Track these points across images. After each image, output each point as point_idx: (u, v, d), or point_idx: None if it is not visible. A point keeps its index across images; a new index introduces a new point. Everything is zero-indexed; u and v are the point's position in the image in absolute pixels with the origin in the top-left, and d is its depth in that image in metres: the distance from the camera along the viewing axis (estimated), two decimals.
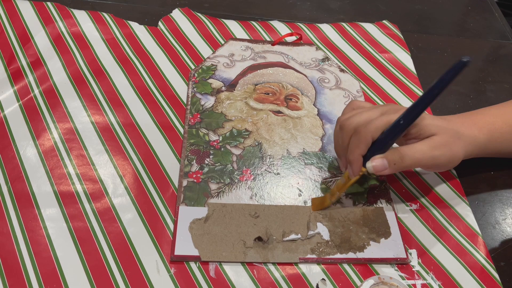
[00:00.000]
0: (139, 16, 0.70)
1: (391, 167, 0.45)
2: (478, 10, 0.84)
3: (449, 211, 0.51)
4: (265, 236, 0.46)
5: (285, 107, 0.59)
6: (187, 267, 0.44)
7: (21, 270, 0.42)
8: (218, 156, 0.53)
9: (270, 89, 0.61)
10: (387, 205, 0.51)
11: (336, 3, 0.79)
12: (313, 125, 0.58)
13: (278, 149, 0.55)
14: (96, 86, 0.58)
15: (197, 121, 0.56)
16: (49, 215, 0.46)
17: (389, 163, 0.45)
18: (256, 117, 0.57)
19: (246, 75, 0.63)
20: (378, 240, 0.47)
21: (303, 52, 0.68)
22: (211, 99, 0.59)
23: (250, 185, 0.51)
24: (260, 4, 0.76)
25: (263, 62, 0.65)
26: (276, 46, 0.68)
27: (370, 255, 0.46)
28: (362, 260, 0.46)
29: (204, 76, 0.61)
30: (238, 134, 0.55)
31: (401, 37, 0.73)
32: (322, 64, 0.66)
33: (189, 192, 0.49)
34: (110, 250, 0.44)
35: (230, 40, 0.67)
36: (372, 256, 0.46)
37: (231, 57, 0.65)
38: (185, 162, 0.52)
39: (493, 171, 0.57)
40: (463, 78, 0.69)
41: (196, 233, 0.46)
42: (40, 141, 0.52)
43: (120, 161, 0.51)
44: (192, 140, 0.54)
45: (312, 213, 0.49)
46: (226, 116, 0.57)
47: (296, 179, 0.52)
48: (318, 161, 0.54)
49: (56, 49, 0.62)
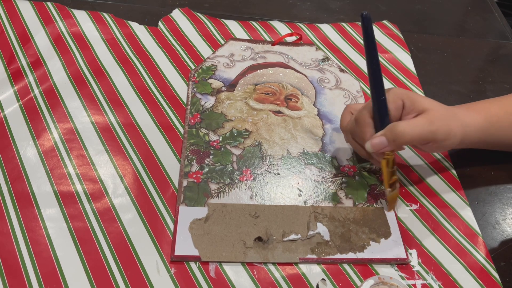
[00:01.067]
0: (139, 16, 0.70)
1: (391, 144, 0.46)
2: (478, 10, 0.84)
3: (449, 211, 0.51)
4: (265, 236, 0.46)
5: (285, 107, 0.59)
6: (187, 267, 0.44)
7: (21, 270, 0.42)
8: (218, 156, 0.53)
9: (270, 89, 0.61)
10: (386, 205, 0.51)
11: (336, 3, 0.79)
12: (313, 125, 0.58)
13: (278, 149, 0.54)
14: (96, 86, 0.58)
15: (197, 121, 0.56)
16: (49, 215, 0.46)
17: (388, 140, 0.46)
18: (256, 117, 0.57)
19: (246, 75, 0.63)
20: (378, 240, 0.47)
21: (303, 52, 0.68)
22: (211, 99, 0.59)
23: (250, 185, 0.51)
24: (260, 4, 0.76)
25: (263, 62, 0.65)
26: (276, 46, 0.68)
27: (370, 255, 0.46)
28: (362, 260, 0.46)
29: (204, 76, 0.61)
30: (238, 134, 0.55)
31: (401, 37, 0.73)
32: (322, 64, 0.66)
33: (189, 192, 0.49)
34: (110, 250, 0.44)
35: (230, 40, 0.67)
36: (372, 256, 0.46)
37: (231, 57, 0.65)
38: (185, 162, 0.51)
39: (493, 172, 0.57)
40: (463, 78, 0.69)
41: (196, 233, 0.46)
42: (40, 141, 0.52)
43: (120, 161, 0.51)
44: (192, 140, 0.54)
45: (313, 213, 0.49)
46: (226, 116, 0.57)
47: (296, 179, 0.52)
48: (318, 161, 0.54)
49: (56, 49, 0.62)
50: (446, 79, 0.68)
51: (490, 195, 0.54)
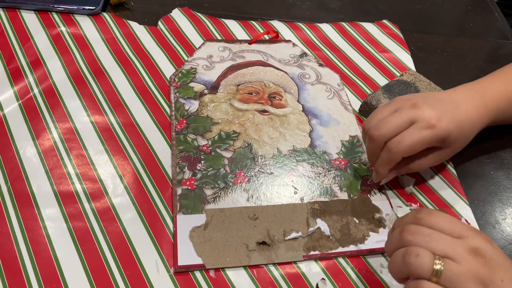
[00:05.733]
0: (139, 16, 0.70)
1: (389, 162, 0.47)
2: (478, 10, 0.84)
3: (449, 211, 0.51)
4: (268, 239, 0.46)
5: (270, 106, 0.59)
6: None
7: (21, 270, 0.42)
8: (209, 160, 0.52)
9: (253, 88, 0.61)
10: (381, 195, 0.51)
11: (336, 3, 0.79)
12: (300, 121, 0.58)
13: (268, 149, 0.54)
14: (96, 86, 0.58)
15: (184, 127, 0.55)
16: (49, 215, 0.46)
17: (383, 159, 0.48)
18: (243, 118, 0.57)
19: (227, 76, 0.62)
20: (377, 230, 0.48)
21: (281, 49, 0.67)
22: (195, 103, 0.58)
23: (245, 187, 0.50)
24: (260, 4, 0.76)
25: (243, 61, 0.65)
26: (253, 44, 0.67)
27: (371, 245, 0.47)
28: (365, 252, 0.46)
29: (185, 80, 0.60)
30: (227, 137, 0.55)
31: (401, 37, 0.73)
32: (301, 60, 0.66)
33: (185, 200, 0.48)
34: (110, 250, 0.44)
35: (207, 42, 0.66)
36: (373, 247, 0.46)
37: (209, 58, 0.64)
38: (176, 169, 0.50)
39: (493, 172, 0.57)
40: (463, 78, 0.69)
41: (197, 241, 0.45)
42: (40, 141, 0.52)
43: (119, 161, 0.51)
44: (181, 147, 0.53)
45: (310, 209, 0.49)
46: (213, 119, 0.56)
47: (290, 177, 0.52)
48: (309, 157, 0.54)
49: (55, 48, 0.62)
50: (446, 79, 0.68)
51: (490, 195, 0.54)
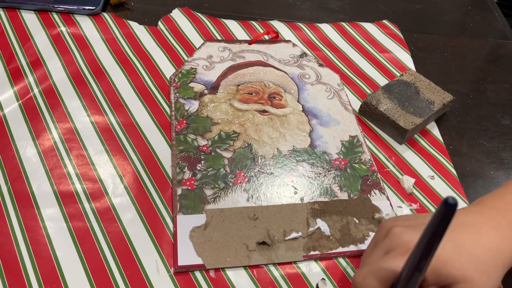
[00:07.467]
0: (139, 16, 0.70)
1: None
2: (478, 10, 0.84)
3: None
4: (268, 239, 0.46)
5: (270, 106, 0.59)
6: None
7: (21, 270, 0.42)
8: (209, 161, 0.52)
9: (253, 88, 0.61)
10: (381, 195, 0.51)
11: (336, 3, 0.79)
12: (300, 121, 0.58)
13: (268, 149, 0.54)
14: (96, 86, 0.58)
15: (184, 127, 0.55)
16: (48, 215, 0.46)
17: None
18: (243, 118, 0.57)
19: (227, 76, 0.62)
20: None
21: (281, 49, 0.67)
22: (194, 103, 0.58)
23: (245, 187, 0.50)
24: (260, 4, 0.76)
25: (243, 62, 0.65)
26: (253, 45, 0.67)
27: None
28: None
29: (185, 80, 0.60)
30: (227, 137, 0.55)
31: (401, 37, 0.73)
32: (301, 60, 0.66)
33: (185, 200, 0.48)
34: (110, 250, 0.44)
35: (207, 42, 0.66)
36: None
37: (209, 59, 0.64)
38: (177, 170, 0.50)
39: (493, 172, 0.57)
40: (463, 78, 0.69)
41: (197, 241, 0.45)
42: (40, 141, 0.52)
43: (119, 161, 0.51)
44: (181, 147, 0.53)
45: (310, 209, 0.49)
46: (212, 120, 0.56)
47: (290, 177, 0.52)
48: (309, 157, 0.54)
49: (55, 48, 0.62)
50: (446, 79, 0.68)
51: None
